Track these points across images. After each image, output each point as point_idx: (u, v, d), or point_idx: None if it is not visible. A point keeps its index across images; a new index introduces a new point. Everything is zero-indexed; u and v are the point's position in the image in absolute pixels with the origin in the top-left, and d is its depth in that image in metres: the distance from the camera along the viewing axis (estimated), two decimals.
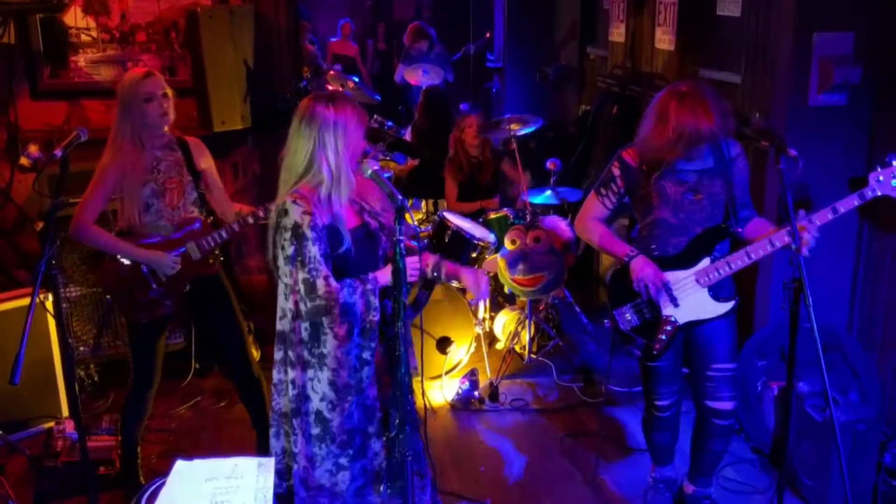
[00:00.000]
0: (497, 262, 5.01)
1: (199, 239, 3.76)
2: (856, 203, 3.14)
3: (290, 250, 2.88)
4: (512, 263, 4.90)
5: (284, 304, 3.01)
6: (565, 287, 5.51)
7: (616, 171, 3.46)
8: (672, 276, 3.38)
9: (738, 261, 3.30)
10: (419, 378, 4.20)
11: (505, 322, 5.41)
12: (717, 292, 3.40)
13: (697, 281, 3.37)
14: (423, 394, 4.26)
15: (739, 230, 3.43)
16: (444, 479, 4.00)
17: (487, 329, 5.47)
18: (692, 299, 3.39)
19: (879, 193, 3.12)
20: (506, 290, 5.15)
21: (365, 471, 3.09)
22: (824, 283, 4.34)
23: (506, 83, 9.12)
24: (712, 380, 3.48)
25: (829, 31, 4.04)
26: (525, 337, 5.27)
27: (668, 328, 3.41)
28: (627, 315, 3.50)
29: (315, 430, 3.03)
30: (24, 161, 5.01)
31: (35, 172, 5.08)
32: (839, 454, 2.92)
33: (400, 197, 2.74)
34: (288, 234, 2.88)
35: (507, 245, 4.95)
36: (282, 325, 3.06)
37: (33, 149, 5.06)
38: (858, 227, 4.27)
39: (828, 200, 4.24)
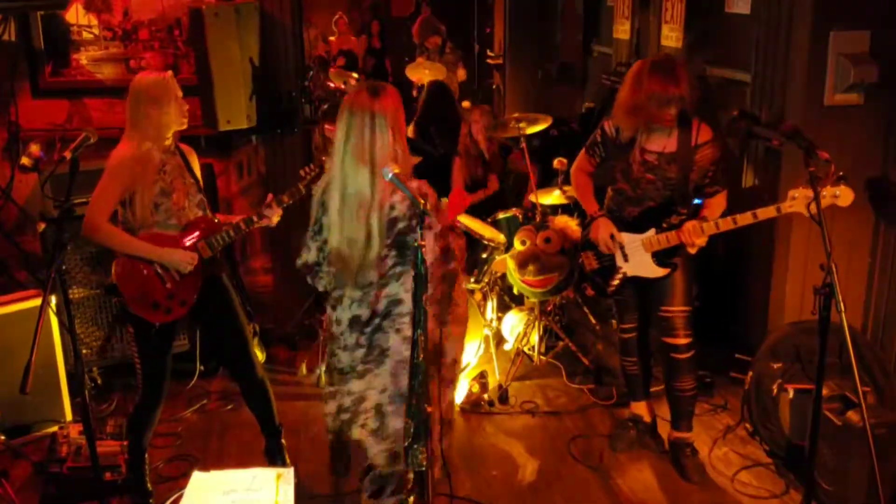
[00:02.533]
0: (506, 263, 4.95)
1: (208, 237, 3.72)
2: (773, 214, 3.54)
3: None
4: (522, 264, 4.84)
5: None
6: (573, 287, 5.46)
7: (598, 138, 3.99)
8: (627, 237, 3.92)
9: (672, 238, 3.77)
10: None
11: (513, 323, 5.35)
12: (659, 258, 3.87)
13: (644, 246, 3.88)
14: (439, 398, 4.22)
15: (684, 211, 3.84)
16: (455, 484, 3.94)
17: (495, 330, 5.41)
18: (639, 259, 3.93)
19: (791, 211, 3.45)
20: (515, 290, 5.09)
21: None
22: (840, 282, 4.29)
23: (506, 80, 9.07)
24: (665, 320, 3.97)
25: (846, 30, 4.00)
26: (534, 338, 5.21)
27: (620, 276, 4.00)
28: (591, 258, 4.09)
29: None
30: (25, 161, 4.94)
31: (36, 172, 5.03)
32: (872, 458, 2.88)
33: (422, 201, 2.69)
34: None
35: (517, 245, 4.90)
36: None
37: (35, 148, 5.00)
38: (874, 227, 4.24)
39: None
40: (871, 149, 4.15)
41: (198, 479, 2.60)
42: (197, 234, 3.72)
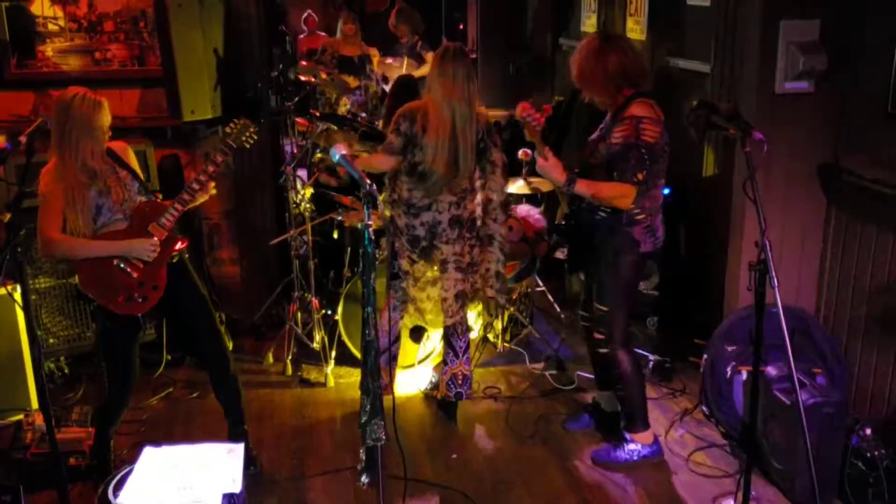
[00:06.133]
0: None
1: (157, 218, 3.73)
2: None
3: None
4: None
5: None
6: (537, 276, 5.53)
7: None
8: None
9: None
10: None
11: (478, 311, 5.41)
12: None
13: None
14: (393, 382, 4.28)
15: None
16: (416, 468, 4.01)
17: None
18: None
19: None
20: None
21: None
22: (794, 267, 4.39)
23: (479, 74, 9.11)
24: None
25: (796, 19, 4.08)
26: (498, 326, 5.28)
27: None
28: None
29: None
30: None
31: (1, 164, 5.04)
32: (804, 433, 2.95)
33: (368, 182, 2.75)
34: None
35: None
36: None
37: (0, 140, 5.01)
38: (826, 212, 4.32)
39: (796, 185, 4.32)
40: (822, 135, 4.21)
41: (150, 453, 2.64)
42: (146, 219, 3.73)
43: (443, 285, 4.34)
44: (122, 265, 3.68)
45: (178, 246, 3.85)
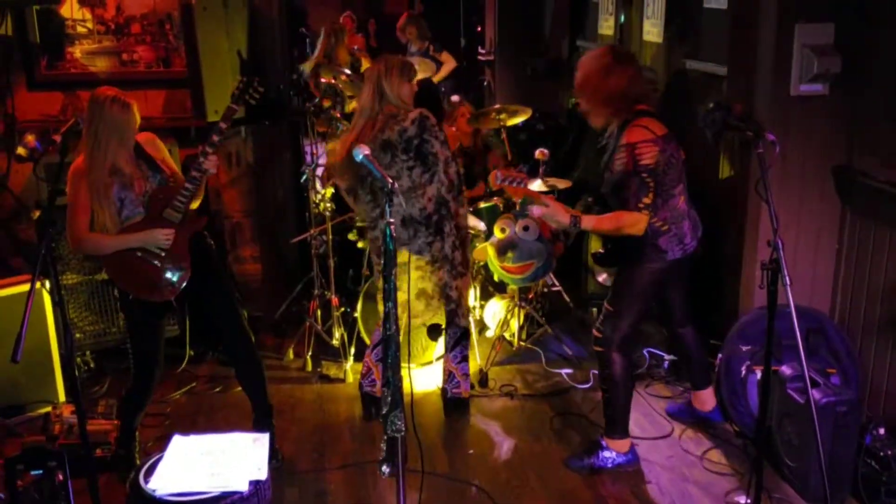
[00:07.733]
0: (487, 251, 5.08)
1: (171, 202, 3.81)
2: None
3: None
4: (501, 251, 4.97)
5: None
6: (554, 275, 5.59)
7: None
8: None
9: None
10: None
11: (495, 310, 5.48)
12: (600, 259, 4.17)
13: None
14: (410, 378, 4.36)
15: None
16: (433, 462, 4.09)
17: (478, 317, 5.54)
18: None
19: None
20: (496, 278, 5.23)
21: None
22: (809, 268, 4.43)
23: (496, 76, 9.19)
24: None
25: (811, 22, 4.13)
26: (514, 325, 5.35)
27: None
28: None
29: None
30: (21, 151, 5.09)
31: (32, 162, 5.17)
32: (815, 432, 2.99)
33: (390, 181, 2.83)
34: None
35: (496, 233, 5.02)
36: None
37: (30, 139, 5.14)
38: (840, 213, 4.36)
39: (811, 186, 4.36)
40: (836, 137, 4.25)
41: (178, 441, 2.73)
42: (160, 205, 3.81)
43: (401, 287, 4.30)
44: (143, 256, 3.78)
45: (199, 226, 3.93)
